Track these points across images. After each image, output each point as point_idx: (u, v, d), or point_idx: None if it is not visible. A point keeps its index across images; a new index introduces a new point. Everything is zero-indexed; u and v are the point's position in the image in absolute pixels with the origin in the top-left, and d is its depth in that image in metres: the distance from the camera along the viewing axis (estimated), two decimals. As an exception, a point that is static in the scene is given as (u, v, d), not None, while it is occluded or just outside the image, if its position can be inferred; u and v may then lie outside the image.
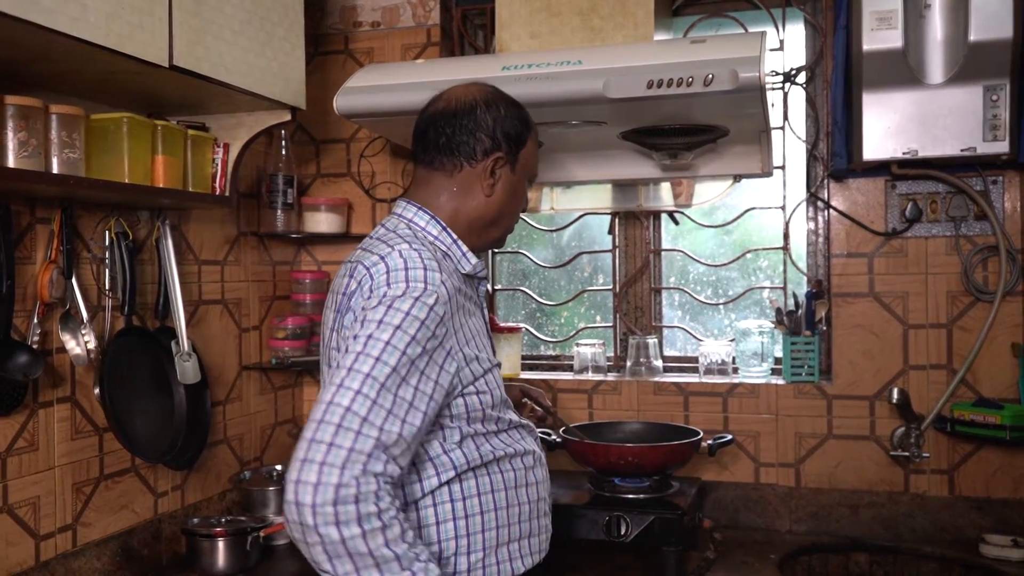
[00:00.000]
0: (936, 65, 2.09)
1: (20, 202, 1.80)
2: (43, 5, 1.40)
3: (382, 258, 1.37)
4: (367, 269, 1.37)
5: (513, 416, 1.54)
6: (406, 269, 1.34)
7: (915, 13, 2.10)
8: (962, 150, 2.10)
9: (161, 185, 1.91)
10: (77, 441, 1.93)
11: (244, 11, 1.92)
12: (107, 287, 1.98)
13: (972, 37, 2.05)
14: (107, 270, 1.98)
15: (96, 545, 1.97)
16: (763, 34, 1.88)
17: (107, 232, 1.98)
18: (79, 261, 1.92)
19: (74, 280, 1.87)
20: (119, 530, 2.04)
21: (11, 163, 1.58)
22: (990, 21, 2.04)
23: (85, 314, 1.88)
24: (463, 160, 1.51)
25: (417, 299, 1.31)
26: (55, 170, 1.66)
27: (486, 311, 1.60)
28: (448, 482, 1.40)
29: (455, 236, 1.51)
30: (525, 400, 1.95)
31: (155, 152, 1.90)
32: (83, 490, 1.95)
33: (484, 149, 1.50)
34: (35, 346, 1.78)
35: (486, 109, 1.51)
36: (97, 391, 1.94)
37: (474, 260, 1.53)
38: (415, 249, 1.38)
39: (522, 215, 2.64)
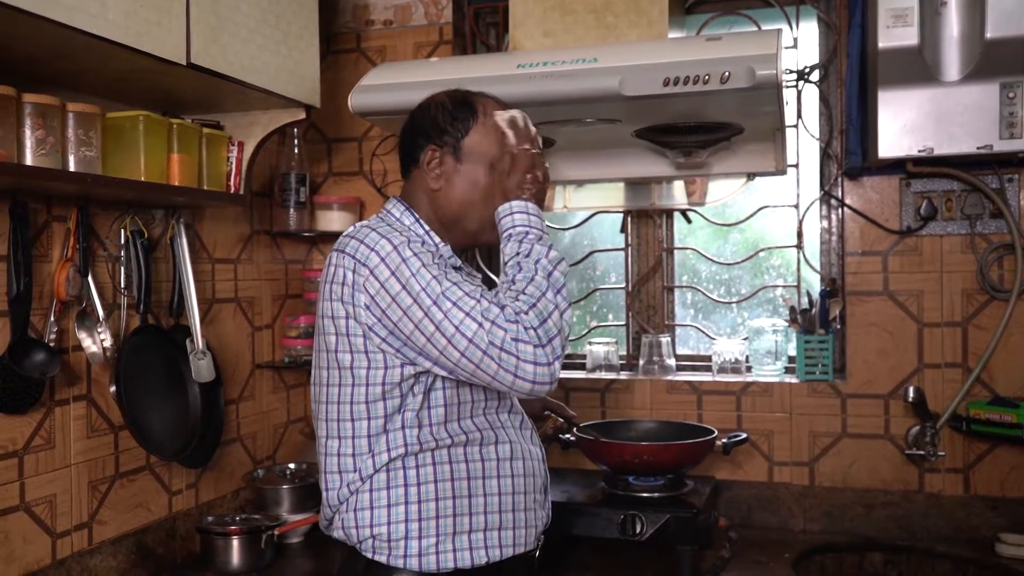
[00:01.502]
0: (952, 62, 2.08)
1: (37, 200, 1.80)
2: (63, 3, 1.40)
3: (352, 236, 1.48)
4: (342, 251, 1.47)
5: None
6: (375, 230, 1.46)
7: (931, 10, 2.09)
8: (978, 148, 2.09)
9: (176, 183, 1.91)
10: (93, 439, 1.94)
11: (260, 9, 1.92)
12: (122, 285, 1.98)
13: (989, 34, 2.04)
14: (122, 268, 1.98)
15: (111, 543, 1.97)
16: (779, 31, 1.87)
17: (122, 230, 1.98)
18: (95, 259, 1.92)
19: (90, 278, 1.87)
20: (134, 528, 2.04)
21: (29, 161, 1.58)
22: (1007, 18, 2.03)
23: (101, 312, 1.89)
24: (410, 163, 1.60)
25: (404, 241, 1.43)
26: (72, 168, 1.67)
27: None
28: (404, 464, 1.46)
29: (427, 227, 1.58)
30: (547, 412, 1.94)
31: (171, 150, 1.90)
32: (99, 488, 1.95)
33: (420, 147, 1.58)
34: (52, 344, 1.79)
35: (422, 111, 1.60)
36: (113, 389, 1.94)
37: (448, 252, 1.58)
38: (378, 227, 1.48)
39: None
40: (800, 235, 2.48)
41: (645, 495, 2.12)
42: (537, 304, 1.38)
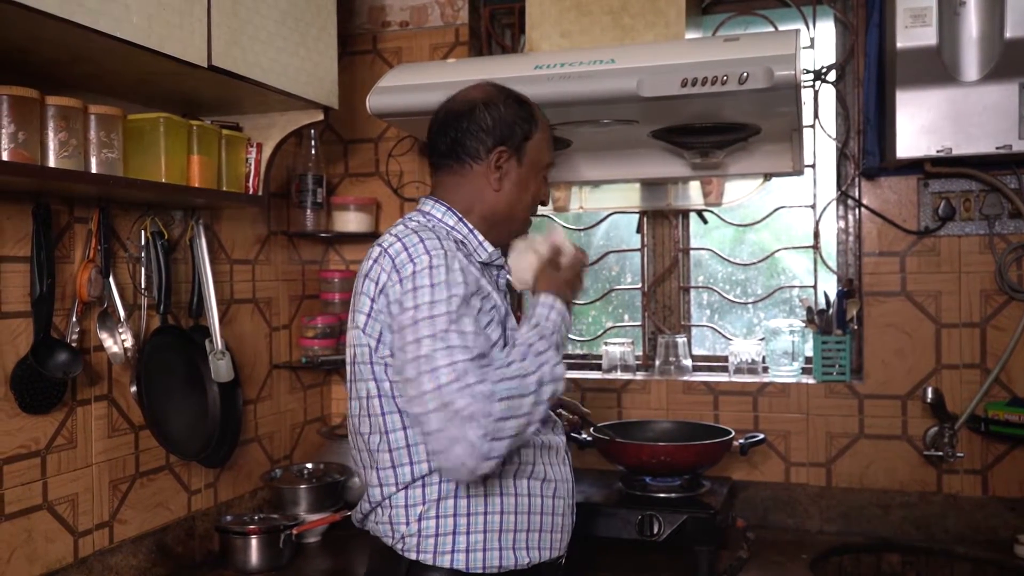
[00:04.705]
0: (971, 62, 2.08)
1: (59, 202, 1.81)
2: (87, 6, 1.41)
3: (398, 238, 1.46)
4: (384, 250, 1.46)
5: None
6: (422, 241, 1.44)
7: (950, 10, 2.08)
8: (997, 148, 2.08)
9: (196, 185, 1.93)
10: (114, 439, 1.95)
11: (279, 11, 1.93)
12: (143, 286, 2.00)
13: (1008, 34, 2.03)
14: (143, 269, 2.00)
15: (132, 542, 1.98)
16: (797, 32, 1.88)
17: (143, 231, 2.00)
18: (116, 260, 1.94)
19: (111, 279, 1.88)
20: (154, 527, 2.05)
21: (52, 163, 1.59)
22: (1026, 18, 2.02)
23: (122, 313, 1.90)
24: (469, 159, 1.57)
25: (443, 264, 1.41)
26: (94, 170, 1.68)
27: (507, 299, 1.62)
28: None
29: (471, 226, 1.57)
30: (560, 410, 1.94)
31: (190, 152, 1.91)
32: (119, 487, 1.97)
33: (486, 147, 1.56)
34: (74, 344, 1.80)
35: (485, 108, 1.57)
36: (134, 389, 1.95)
37: (490, 248, 1.58)
38: (424, 234, 1.46)
39: (551, 214, 2.69)
40: (817, 235, 2.48)
41: (662, 495, 2.12)
42: (513, 400, 1.34)
